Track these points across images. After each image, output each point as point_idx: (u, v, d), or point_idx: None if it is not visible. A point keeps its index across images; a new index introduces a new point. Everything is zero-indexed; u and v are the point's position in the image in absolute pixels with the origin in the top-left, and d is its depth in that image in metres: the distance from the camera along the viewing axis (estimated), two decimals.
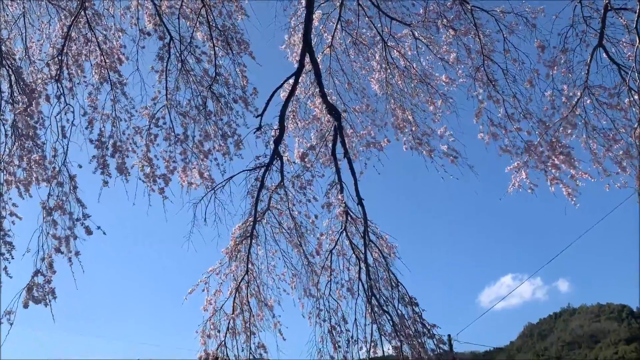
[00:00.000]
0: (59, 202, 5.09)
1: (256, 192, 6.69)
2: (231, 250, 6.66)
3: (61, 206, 5.05)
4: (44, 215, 5.04)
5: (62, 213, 5.04)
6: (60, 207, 5.05)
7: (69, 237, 4.95)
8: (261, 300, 6.72)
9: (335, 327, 6.31)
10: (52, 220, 5.03)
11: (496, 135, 6.92)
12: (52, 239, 4.93)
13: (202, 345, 6.12)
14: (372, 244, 7.00)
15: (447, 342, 6.46)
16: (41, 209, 5.07)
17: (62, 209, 5.04)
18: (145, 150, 5.81)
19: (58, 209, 5.06)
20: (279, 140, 6.71)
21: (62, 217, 5.05)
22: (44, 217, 5.02)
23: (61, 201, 5.10)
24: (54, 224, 5.01)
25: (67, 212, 5.04)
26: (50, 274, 4.88)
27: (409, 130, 7.74)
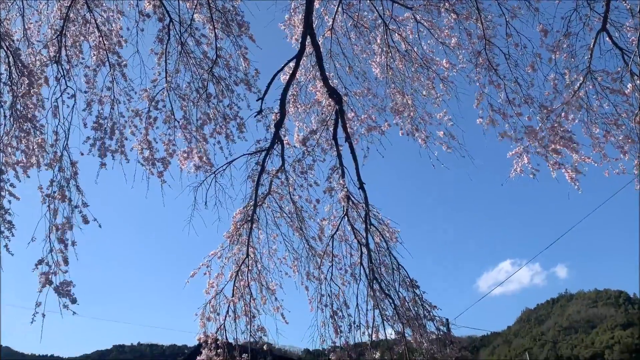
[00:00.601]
0: (62, 191, 5.06)
1: (257, 176, 6.67)
2: (232, 234, 6.66)
3: (63, 195, 5.03)
4: (48, 204, 5.01)
5: (63, 201, 5.02)
6: (63, 196, 5.03)
7: (65, 226, 4.92)
8: (262, 284, 6.73)
9: (337, 312, 6.33)
10: (54, 210, 5.00)
11: (495, 121, 6.88)
12: (55, 229, 4.89)
13: (201, 328, 6.14)
14: (373, 228, 7.00)
15: (446, 325, 6.53)
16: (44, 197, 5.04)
17: (63, 197, 5.02)
18: (145, 133, 5.79)
19: (60, 198, 5.03)
20: (279, 124, 6.67)
21: (62, 205, 5.03)
22: (48, 206, 5.00)
23: (63, 188, 5.08)
24: (54, 213, 4.99)
25: (67, 198, 5.02)
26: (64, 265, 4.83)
27: (407, 115, 7.71)
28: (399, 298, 6.24)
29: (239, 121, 6.16)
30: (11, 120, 5.33)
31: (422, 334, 5.92)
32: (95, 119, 5.58)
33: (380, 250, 6.82)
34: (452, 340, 6.17)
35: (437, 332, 6.02)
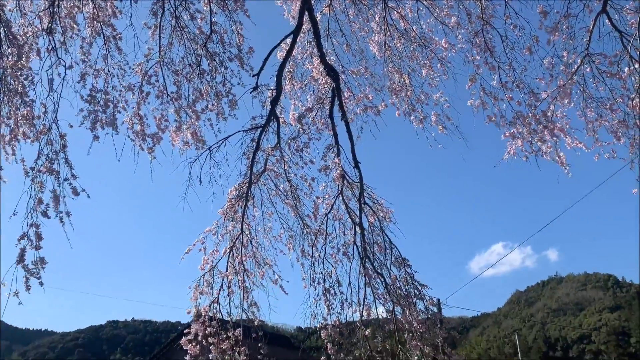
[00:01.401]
0: (47, 164, 5.01)
1: (252, 154, 6.65)
2: (227, 210, 6.67)
3: (49, 168, 4.98)
4: (31, 177, 4.96)
5: (50, 174, 4.97)
6: (49, 170, 4.97)
7: (58, 197, 4.89)
8: (257, 260, 6.77)
9: (330, 290, 6.39)
10: (39, 183, 4.95)
11: (485, 104, 6.85)
12: (39, 203, 4.84)
13: (193, 302, 6.17)
14: (367, 207, 7.03)
15: (437, 304, 6.59)
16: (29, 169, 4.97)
17: (50, 171, 4.97)
18: (136, 107, 5.74)
19: (46, 172, 4.98)
20: (275, 101, 6.63)
21: (50, 177, 4.98)
22: (32, 179, 4.94)
23: (50, 163, 5.02)
24: (41, 186, 4.94)
25: (55, 171, 4.97)
26: (37, 242, 4.82)
27: (404, 94, 7.66)
28: (390, 277, 6.30)
29: (231, 98, 6.12)
30: (1, 93, 5.26)
31: (411, 313, 5.99)
32: (89, 92, 5.53)
33: (373, 229, 6.86)
34: (441, 320, 6.24)
35: (426, 311, 6.10)
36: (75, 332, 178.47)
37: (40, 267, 4.74)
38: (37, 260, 4.73)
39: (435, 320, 6.13)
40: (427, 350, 5.57)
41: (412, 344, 5.65)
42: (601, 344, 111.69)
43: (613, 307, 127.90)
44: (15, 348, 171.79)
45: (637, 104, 6.42)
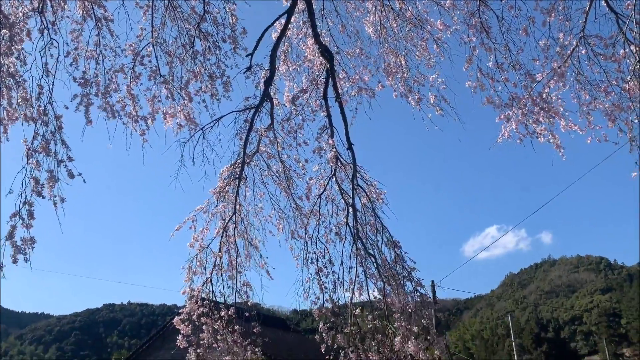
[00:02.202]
0: (44, 144, 4.97)
1: (245, 134, 6.63)
2: (219, 191, 6.67)
3: (46, 148, 4.94)
4: (27, 156, 4.93)
5: (47, 154, 4.94)
6: (45, 150, 4.94)
7: (53, 179, 4.86)
8: (248, 241, 6.80)
9: (322, 269, 6.43)
10: (35, 162, 4.91)
11: (482, 85, 6.83)
12: (34, 182, 4.82)
13: (187, 282, 6.21)
14: (360, 189, 7.04)
15: (424, 285, 6.60)
16: (24, 149, 4.95)
17: (46, 151, 4.94)
18: (129, 88, 5.68)
19: (43, 152, 4.95)
20: (269, 81, 6.58)
21: (46, 159, 4.95)
22: (27, 159, 4.92)
23: (46, 142, 4.99)
24: (37, 166, 4.91)
25: (52, 152, 4.94)
26: (29, 220, 4.80)
27: (400, 76, 7.62)
28: (380, 257, 6.34)
29: (225, 80, 6.07)
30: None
31: (400, 293, 6.05)
32: (82, 74, 5.47)
33: (366, 210, 6.88)
34: (435, 302, 6.29)
35: (414, 292, 6.15)
36: (71, 315, 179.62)
37: (30, 246, 4.74)
38: (26, 239, 4.72)
39: (424, 302, 6.18)
40: (416, 330, 5.64)
41: (399, 324, 5.71)
42: (592, 325, 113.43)
43: (604, 289, 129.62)
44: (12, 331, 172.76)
45: (632, 87, 6.42)
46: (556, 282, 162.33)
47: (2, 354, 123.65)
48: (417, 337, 5.73)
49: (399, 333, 5.72)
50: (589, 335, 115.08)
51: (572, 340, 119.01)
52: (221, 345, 6.07)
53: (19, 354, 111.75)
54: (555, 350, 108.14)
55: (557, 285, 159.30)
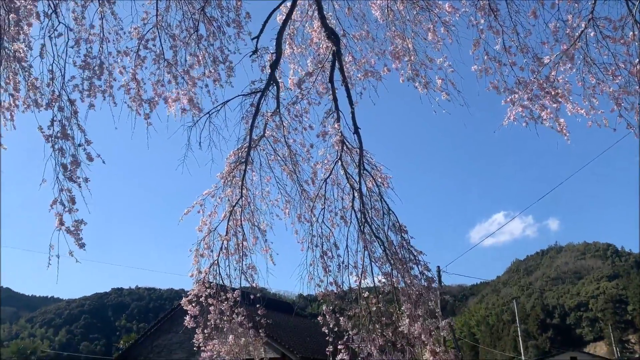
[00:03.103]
0: (64, 129, 5.01)
1: (251, 118, 6.63)
2: (226, 175, 6.70)
3: (65, 134, 4.99)
4: (52, 144, 4.96)
5: (66, 139, 4.98)
6: (65, 135, 4.99)
7: (76, 162, 4.90)
8: (254, 224, 6.84)
9: (327, 253, 6.46)
10: (60, 149, 4.95)
11: (488, 69, 6.78)
12: (64, 169, 4.87)
13: (194, 264, 6.27)
14: (366, 173, 7.04)
15: (430, 269, 6.62)
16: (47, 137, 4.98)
17: (66, 136, 4.98)
18: (133, 72, 5.68)
19: (63, 137, 4.99)
20: (275, 64, 6.55)
21: (66, 144, 4.98)
22: (52, 146, 4.95)
23: (63, 128, 5.03)
24: (62, 152, 4.95)
25: (71, 137, 4.97)
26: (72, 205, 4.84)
27: (407, 59, 7.56)
28: (387, 241, 6.35)
29: (228, 65, 6.06)
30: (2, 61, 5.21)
31: (406, 277, 6.08)
32: (84, 57, 5.47)
33: (372, 195, 6.88)
34: (440, 287, 6.32)
35: (420, 276, 6.18)
36: (80, 299, 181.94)
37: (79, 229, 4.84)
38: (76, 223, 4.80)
39: (430, 285, 6.21)
40: (421, 313, 5.68)
41: (406, 307, 5.75)
42: (598, 311, 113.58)
43: (611, 276, 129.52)
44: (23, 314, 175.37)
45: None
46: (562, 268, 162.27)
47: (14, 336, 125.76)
48: (424, 320, 5.78)
49: (406, 316, 5.77)
50: (594, 322, 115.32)
51: (578, 327, 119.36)
52: (227, 326, 6.16)
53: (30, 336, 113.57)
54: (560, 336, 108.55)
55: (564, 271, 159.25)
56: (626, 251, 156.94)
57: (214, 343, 6.23)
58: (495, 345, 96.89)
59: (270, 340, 24.40)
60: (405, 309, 5.73)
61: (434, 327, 5.60)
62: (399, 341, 5.83)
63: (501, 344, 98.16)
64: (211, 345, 6.25)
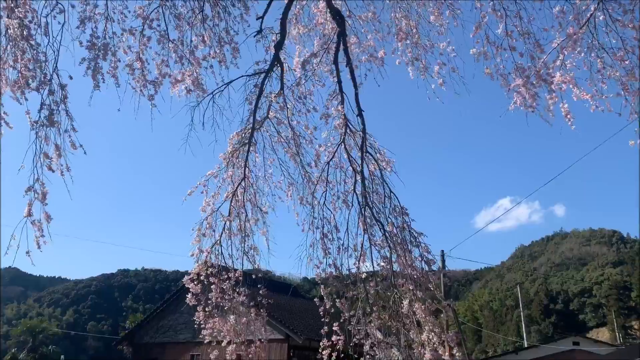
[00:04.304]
0: (51, 116, 4.99)
1: (255, 99, 6.60)
2: (229, 156, 6.70)
3: (51, 120, 4.97)
4: (36, 131, 4.94)
5: (51, 125, 4.97)
6: (51, 121, 4.97)
7: (59, 149, 4.90)
8: (256, 206, 6.87)
9: (327, 235, 6.49)
10: (44, 136, 4.95)
11: (487, 54, 6.68)
12: (44, 157, 4.86)
13: (196, 243, 6.31)
14: (369, 156, 7.02)
15: (431, 251, 6.63)
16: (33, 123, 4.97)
17: (52, 122, 4.96)
18: (138, 52, 5.65)
19: (49, 123, 4.97)
20: (279, 45, 6.51)
21: (51, 130, 4.97)
22: (36, 133, 4.94)
23: (51, 113, 5.00)
24: (45, 140, 4.94)
25: (57, 123, 4.95)
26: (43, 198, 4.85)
27: (410, 42, 7.48)
28: (388, 224, 6.37)
29: (233, 45, 6.02)
30: (6, 38, 5.19)
31: (406, 259, 6.11)
32: (89, 37, 5.43)
33: (374, 178, 6.87)
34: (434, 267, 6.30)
35: (421, 258, 6.20)
36: (88, 279, 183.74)
37: (47, 223, 4.86)
38: (43, 215, 4.83)
39: (430, 267, 6.23)
40: (420, 294, 5.72)
41: (406, 288, 5.79)
42: (602, 297, 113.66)
43: (616, 262, 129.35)
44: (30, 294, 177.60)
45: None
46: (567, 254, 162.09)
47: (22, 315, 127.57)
48: (424, 302, 5.81)
49: (406, 297, 5.80)
50: (598, 308, 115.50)
51: (581, 312, 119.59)
52: (228, 304, 6.23)
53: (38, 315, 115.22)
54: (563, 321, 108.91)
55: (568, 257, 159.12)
56: (632, 238, 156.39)
57: (214, 321, 6.31)
58: (498, 330, 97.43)
59: (275, 322, 24.68)
60: (405, 291, 5.77)
61: (433, 309, 5.64)
62: (394, 324, 5.89)
63: (504, 329, 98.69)
64: (211, 323, 6.33)
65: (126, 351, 35.39)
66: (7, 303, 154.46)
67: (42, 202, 4.83)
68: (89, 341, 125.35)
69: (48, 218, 4.84)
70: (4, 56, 5.17)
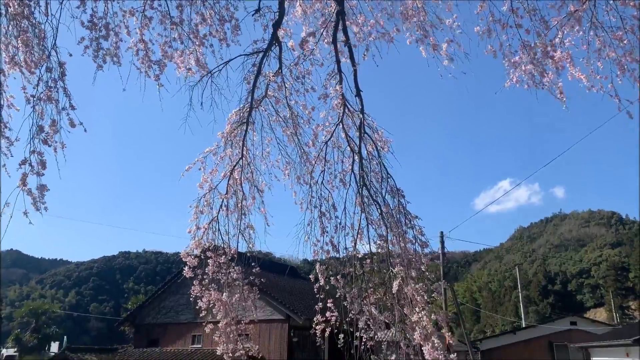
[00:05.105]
0: (48, 92, 4.98)
1: (253, 79, 6.59)
2: (227, 134, 6.72)
3: (50, 97, 4.96)
4: (33, 105, 4.92)
5: (50, 102, 4.95)
6: (49, 98, 4.95)
7: (55, 126, 4.89)
8: (254, 184, 6.91)
9: (325, 214, 6.54)
10: (40, 111, 4.92)
11: (491, 31, 6.64)
12: (40, 131, 4.82)
13: (194, 220, 6.36)
14: (367, 136, 7.03)
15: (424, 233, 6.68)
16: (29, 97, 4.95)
17: (50, 99, 4.95)
18: (140, 33, 5.63)
19: (46, 100, 4.96)
20: (278, 24, 6.47)
21: (49, 106, 4.94)
22: (33, 107, 4.91)
23: (49, 90, 4.99)
24: (42, 115, 4.91)
25: (54, 100, 4.92)
26: (41, 169, 4.82)
27: (417, 20, 7.39)
28: (384, 205, 6.41)
29: (234, 23, 5.99)
30: (7, 17, 5.17)
31: (401, 240, 6.16)
32: (90, 17, 5.39)
33: (372, 158, 6.90)
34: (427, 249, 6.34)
35: (414, 240, 6.25)
36: (89, 261, 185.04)
37: (42, 193, 4.84)
38: (39, 186, 4.81)
39: (422, 249, 6.29)
40: (413, 274, 5.80)
41: (398, 269, 5.87)
42: (600, 278, 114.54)
43: (614, 244, 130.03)
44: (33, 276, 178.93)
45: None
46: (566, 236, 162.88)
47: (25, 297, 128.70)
48: (419, 281, 5.89)
49: (398, 277, 5.88)
50: (595, 288, 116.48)
51: (579, 293, 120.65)
52: (224, 279, 6.32)
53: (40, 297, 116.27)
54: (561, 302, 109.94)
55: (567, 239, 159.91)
56: (630, 219, 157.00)
57: (210, 294, 6.41)
58: (496, 310, 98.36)
59: (276, 302, 24.95)
60: (398, 271, 5.85)
61: (425, 289, 5.73)
62: (389, 301, 5.98)
63: (502, 309, 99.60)
64: (207, 296, 6.42)
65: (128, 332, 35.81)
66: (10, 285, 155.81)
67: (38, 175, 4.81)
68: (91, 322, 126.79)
69: (43, 189, 4.83)
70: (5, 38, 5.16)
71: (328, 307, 6.28)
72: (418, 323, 5.48)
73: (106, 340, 76.80)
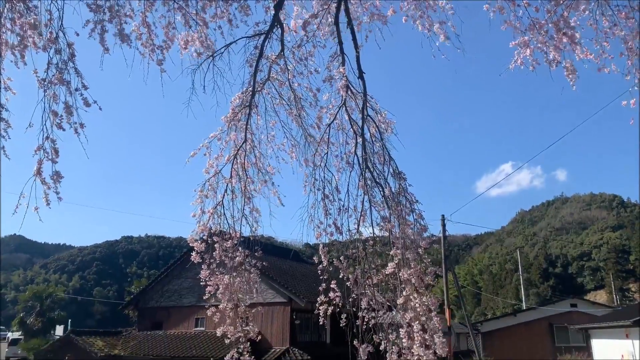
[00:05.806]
0: (58, 74, 4.94)
1: (255, 61, 6.54)
2: (230, 119, 6.69)
3: (60, 78, 4.92)
4: (43, 89, 4.89)
5: (61, 84, 4.92)
6: (60, 80, 4.92)
7: (70, 108, 4.86)
8: (259, 168, 6.91)
9: (328, 196, 6.55)
10: (52, 94, 4.89)
11: (502, 8, 6.56)
12: (53, 115, 4.79)
13: (198, 204, 6.37)
14: (369, 118, 7.00)
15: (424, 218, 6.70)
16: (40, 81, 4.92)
17: (61, 81, 4.91)
18: (143, 15, 5.54)
19: (58, 82, 4.92)
20: (279, 5, 6.40)
21: (61, 88, 4.89)
22: (44, 90, 4.87)
23: (60, 72, 4.95)
24: (54, 98, 4.88)
25: (66, 81, 4.88)
26: (54, 156, 4.83)
27: None
28: (386, 188, 6.43)
29: (242, 3, 5.90)
30: (3, 1, 5.11)
31: (401, 223, 6.20)
32: None
33: (375, 140, 6.88)
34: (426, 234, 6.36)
35: (414, 223, 6.28)
36: (92, 246, 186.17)
37: (57, 181, 4.85)
38: (54, 174, 4.81)
39: (420, 231, 6.32)
40: (410, 257, 5.85)
41: (395, 252, 5.91)
42: (600, 261, 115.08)
43: (615, 227, 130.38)
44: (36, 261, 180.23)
45: None
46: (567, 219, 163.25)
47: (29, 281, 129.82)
48: (418, 264, 5.94)
49: (395, 260, 5.92)
50: (596, 271, 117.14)
51: (580, 276, 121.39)
52: (230, 263, 6.36)
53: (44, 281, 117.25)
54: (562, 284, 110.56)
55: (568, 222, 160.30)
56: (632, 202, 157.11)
57: (216, 278, 6.46)
58: (497, 293, 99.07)
59: (278, 285, 25.14)
60: (395, 254, 5.90)
61: (421, 272, 5.78)
62: (390, 281, 6.03)
63: (503, 292, 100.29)
64: (213, 280, 6.47)
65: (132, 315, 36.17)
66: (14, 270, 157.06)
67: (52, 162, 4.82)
68: (95, 306, 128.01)
69: (59, 176, 4.85)
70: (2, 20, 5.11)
71: (331, 287, 6.33)
72: (407, 304, 5.55)
73: (110, 323, 77.62)
